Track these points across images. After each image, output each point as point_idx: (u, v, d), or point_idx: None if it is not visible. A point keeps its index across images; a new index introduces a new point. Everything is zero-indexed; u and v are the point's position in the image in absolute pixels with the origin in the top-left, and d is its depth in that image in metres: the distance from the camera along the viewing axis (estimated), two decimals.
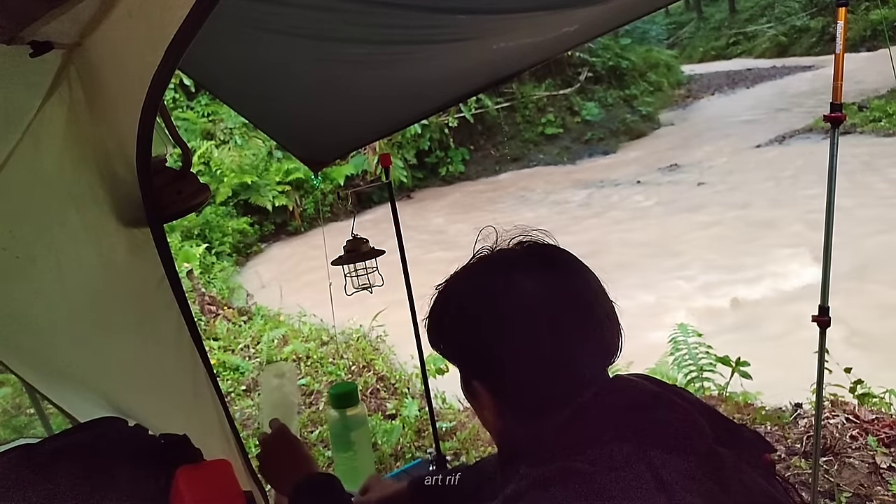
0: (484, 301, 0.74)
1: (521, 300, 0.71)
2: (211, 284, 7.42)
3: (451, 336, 0.78)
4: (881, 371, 3.65)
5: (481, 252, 0.79)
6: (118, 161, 1.05)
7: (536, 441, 0.69)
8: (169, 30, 0.77)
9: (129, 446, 1.07)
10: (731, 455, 0.66)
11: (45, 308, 1.20)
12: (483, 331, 0.72)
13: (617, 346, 0.75)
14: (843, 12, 1.97)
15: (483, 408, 0.76)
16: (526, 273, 0.73)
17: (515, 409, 0.73)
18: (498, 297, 0.72)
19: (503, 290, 0.72)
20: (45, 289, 1.17)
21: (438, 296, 0.80)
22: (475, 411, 0.80)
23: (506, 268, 0.75)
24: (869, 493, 2.73)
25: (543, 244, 0.79)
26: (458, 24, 1.61)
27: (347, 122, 2.26)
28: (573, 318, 0.71)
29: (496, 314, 0.72)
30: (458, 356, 0.78)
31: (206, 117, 10.75)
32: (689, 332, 4.04)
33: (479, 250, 0.79)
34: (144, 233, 1.14)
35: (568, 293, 0.73)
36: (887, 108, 11.49)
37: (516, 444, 0.73)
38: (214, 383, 1.37)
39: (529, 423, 0.71)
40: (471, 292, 0.76)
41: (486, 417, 0.77)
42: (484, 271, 0.77)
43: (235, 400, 4.58)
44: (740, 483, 0.64)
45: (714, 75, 20.63)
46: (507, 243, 0.78)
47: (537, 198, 11.47)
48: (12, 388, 4.04)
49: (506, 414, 0.74)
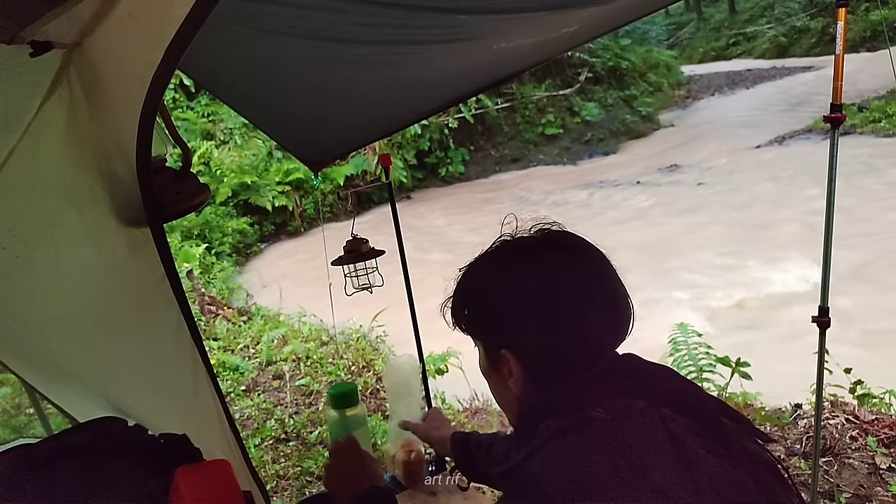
0: (513, 276, 0.79)
1: (546, 274, 0.76)
2: (211, 284, 7.43)
3: (480, 309, 0.82)
4: (881, 372, 3.65)
5: (503, 237, 0.85)
6: (118, 161, 1.05)
7: (557, 400, 0.73)
8: (169, 30, 0.77)
9: (128, 446, 1.07)
10: (733, 426, 0.70)
11: (44, 308, 1.20)
12: (512, 301, 0.77)
13: (628, 325, 0.80)
14: (843, 13, 1.97)
15: (507, 377, 0.80)
16: (550, 253, 0.80)
17: (540, 374, 0.78)
18: (525, 272, 0.78)
19: (529, 265, 0.78)
20: (44, 288, 1.17)
21: (465, 275, 0.85)
22: (493, 387, 0.86)
23: (530, 249, 0.81)
24: (868, 493, 2.73)
25: (563, 231, 0.85)
26: (458, 24, 1.61)
27: (347, 122, 2.26)
28: (592, 291, 0.77)
29: (524, 285, 0.77)
30: (486, 329, 0.83)
31: (206, 117, 10.76)
32: (689, 333, 4.04)
33: (501, 236, 0.85)
34: (144, 232, 1.14)
35: (587, 271, 0.78)
36: (887, 109, 11.50)
37: (538, 407, 0.76)
38: (214, 383, 1.38)
39: (552, 387, 0.76)
40: (499, 270, 0.82)
41: (508, 388, 0.81)
42: (510, 251, 0.83)
43: (235, 400, 4.58)
44: (742, 448, 0.68)
45: (714, 76, 20.63)
46: (527, 231, 0.84)
47: (537, 198, 11.47)
48: (12, 387, 4.04)
49: (529, 380, 0.78)
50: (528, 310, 0.76)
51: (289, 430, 4.10)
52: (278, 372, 5.04)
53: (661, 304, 6.12)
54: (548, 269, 0.77)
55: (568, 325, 0.75)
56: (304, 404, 4.50)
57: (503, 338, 0.79)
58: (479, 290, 0.83)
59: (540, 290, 0.76)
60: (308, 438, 3.98)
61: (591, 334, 0.76)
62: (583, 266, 0.79)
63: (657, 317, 5.65)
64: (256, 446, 3.90)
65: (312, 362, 5.14)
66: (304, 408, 4.43)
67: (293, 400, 4.55)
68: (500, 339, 0.80)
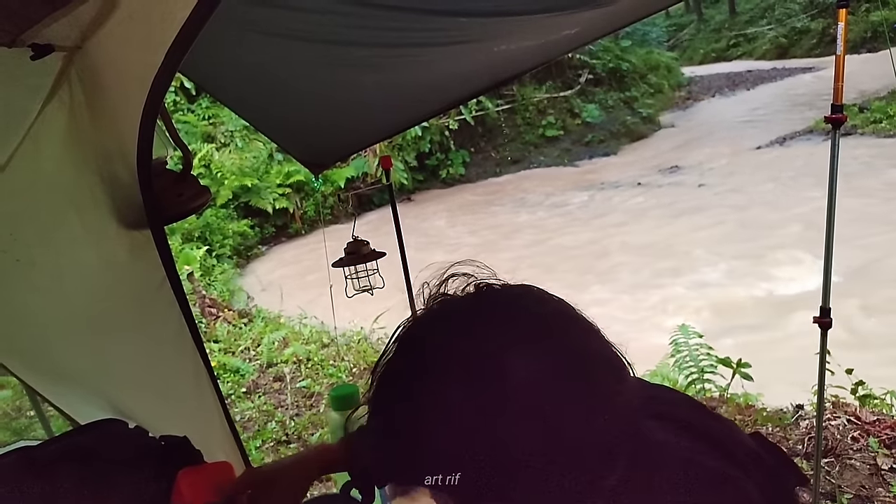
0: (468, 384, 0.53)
1: (513, 382, 0.52)
2: (211, 287, 7.43)
3: (420, 432, 0.56)
4: (882, 372, 3.64)
5: (437, 307, 0.62)
6: (119, 163, 1.05)
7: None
8: (170, 32, 0.77)
9: (129, 448, 1.06)
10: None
11: (45, 310, 1.20)
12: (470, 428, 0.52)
13: (611, 384, 0.56)
14: (843, 14, 1.97)
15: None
16: (513, 342, 0.54)
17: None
18: (483, 378, 0.53)
19: (491, 373, 0.53)
20: (45, 291, 1.17)
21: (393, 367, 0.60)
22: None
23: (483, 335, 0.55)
24: (870, 494, 2.73)
25: (508, 291, 0.61)
26: (459, 26, 1.61)
27: (348, 124, 2.26)
28: (572, 390, 0.53)
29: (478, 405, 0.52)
30: (420, 457, 0.56)
31: (206, 120, 10.77)
32: (690, 334, 4.03)
33: (435, 300, 0.63)
34: (145, 235, 1.14)
35: (560, 358, 0.54)
36: (888, 110, 11.48)
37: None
38: (215, 385, 1.38)
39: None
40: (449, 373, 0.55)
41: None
42: (453, 346, 0.56)
43: (235, 402, 4.58)
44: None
45: (714, 77, 20.63)
46: (460, 288, 0.62)
47: (538, 200, 11.47)
48: (13, 390, 4.04)
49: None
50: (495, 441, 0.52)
51: (290, 433, 4.10)
52: (279, 374, 5.04)
53: (662, 305, 6.12)
54: (514, 376, 0.52)
55: (556, 446, 0.52)
56: (305, 406, 4.50)
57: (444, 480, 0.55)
58: (414, 402, 0.57)
59: (506, 408, 0.52)
60: (309, 440, 3.98)
61: (585, 444, 0.53)
62: (553, 351, 0.55)
63: (658, 318, 5.65)
64: (257, 448, 3.90)
65: (313, 364, 5.14)
66: (305, 410, 4.43)
67: (294, 402, 4.55)
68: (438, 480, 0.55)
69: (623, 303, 6.36)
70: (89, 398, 1.40)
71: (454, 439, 0.53)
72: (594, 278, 7.11)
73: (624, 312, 6.12)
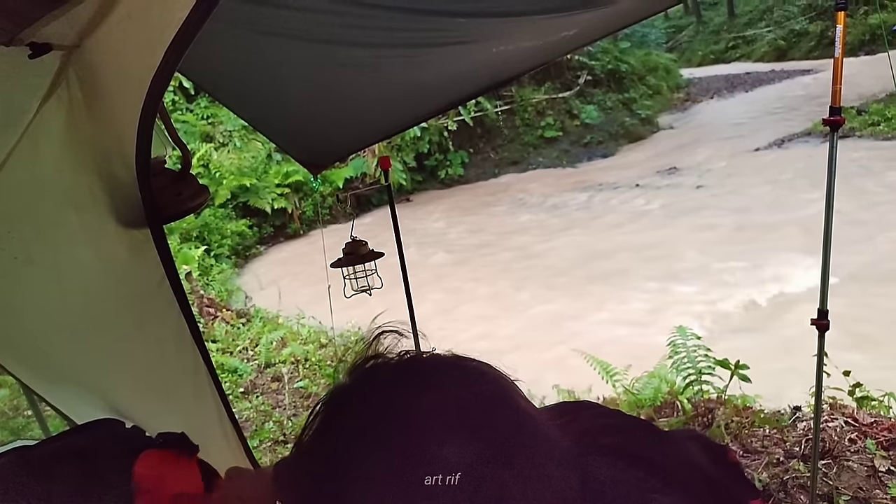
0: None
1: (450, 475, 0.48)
2: (209, 286, 7.42)
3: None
4: (880, 374, 3.65)
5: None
6: (117, 162, 1.05)
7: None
8: (168, 32, 0.77)
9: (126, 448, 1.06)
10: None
11: (42, 309, 1.20)
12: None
13: (555, 449, 0.53)
14: (842, 16, 1.97)
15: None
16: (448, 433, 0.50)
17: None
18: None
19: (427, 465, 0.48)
20: (43, 290, 1.16)
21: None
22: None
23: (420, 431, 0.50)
24: (867, 496, 2.73)
25: (432, 362, 0.57)
26: (458, 27, 1.61)
27: (347, 124, 2.26)
28: (504, 475, 0.49)
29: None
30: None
31: (205, 120, 10.77)
32: (688, 336, 4.03)
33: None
34: (144, 234, 1.14)
35: (489, 444, 0.50)
36: (886, 112, 11.51)
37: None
38: (216, 382, 1.37)
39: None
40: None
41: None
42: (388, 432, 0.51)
43: (233, 402, 4.58)
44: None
45: (713, 79, 20.68)
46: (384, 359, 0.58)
47: (536, 201, 11.48)
48: (10, 389, 4.04)
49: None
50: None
51: (287, 433, 4.10)
52: (277, 374, 5.04)
53: (660, 306, 6.13)
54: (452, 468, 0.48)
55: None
56: (303, 406, 4.50)
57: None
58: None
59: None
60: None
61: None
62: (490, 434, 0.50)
63: (656, 319, 5.65)
64: (255, 448, 3.89)
65: (311, 364, 5.14)
66: (303, 410, 4.43)
67: (292, 402, 4.55)
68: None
69: (621, 304, 6.37)
70: (87, 397, 1.40)
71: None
72: (592, 279, 7.12)
73: (621, 313, 6.13)
